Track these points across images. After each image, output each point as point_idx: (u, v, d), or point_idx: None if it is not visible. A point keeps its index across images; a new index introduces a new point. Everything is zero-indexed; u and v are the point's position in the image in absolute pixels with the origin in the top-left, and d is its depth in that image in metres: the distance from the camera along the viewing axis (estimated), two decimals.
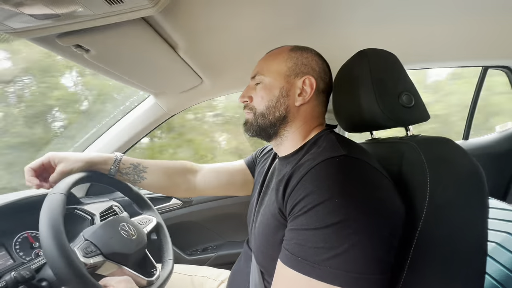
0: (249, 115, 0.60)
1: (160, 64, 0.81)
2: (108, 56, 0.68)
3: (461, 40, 0.99)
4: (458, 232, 0.43)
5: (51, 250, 0.47)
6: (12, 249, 0.67)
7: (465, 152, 0.46)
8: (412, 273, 0.43)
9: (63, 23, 0.50)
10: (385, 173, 0.45)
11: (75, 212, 0.81)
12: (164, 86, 1.00)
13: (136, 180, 0.74)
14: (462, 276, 0.43)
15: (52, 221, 0.49)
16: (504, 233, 0.63)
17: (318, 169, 0.43)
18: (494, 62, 1.25)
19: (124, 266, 0.61)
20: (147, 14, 0.52)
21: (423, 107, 0.55)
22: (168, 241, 0.80)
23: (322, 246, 0.37)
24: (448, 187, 0.43)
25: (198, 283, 0.81)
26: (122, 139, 1.14)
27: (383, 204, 0.41)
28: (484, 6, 0.79)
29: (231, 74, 1.04)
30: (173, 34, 0.69)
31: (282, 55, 0.58)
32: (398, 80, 0.55)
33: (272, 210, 0.50)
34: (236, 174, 0.81)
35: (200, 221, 1.30)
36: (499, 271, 0.58)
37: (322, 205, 0.39)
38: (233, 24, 0.72)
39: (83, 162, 0.67)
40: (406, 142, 0.50)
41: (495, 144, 1.45)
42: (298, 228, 0.41)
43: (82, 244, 0.57)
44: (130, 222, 0.70)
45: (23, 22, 0.48)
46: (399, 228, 0.42)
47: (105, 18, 0.51)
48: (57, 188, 0.57)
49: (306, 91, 0.56)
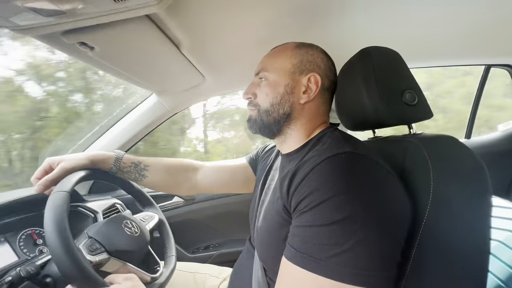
0: (252, 112, 0.60)
1: (163, 61, 0.81)
2: (112, 53, 0.69)
3: (464, 38, 0.99)
4: (461, 229, 0.43)
5: (57, 248, 0.47)
6: (16, 245, 0.67)
7: (468, 150, 0.46)
8: (415, 270, 0.43)
9: (68, 20, 0.50)
10: (390, 170, 0.45)
11: (78, 209, 0.82)
12: (167, 84, 1.00)
13: (137, 179, 0.74)
14: (465, 274, 0.43)
15: (57, 220, 0.50)
16: (507, 231, 0.63)
17: (324, 165, 0.42)
18: (497, 61, 1.24)
19: (128, 263, 0.61)
20: (151, 12, 0.52)
21: (426, 105, 0.55)
22: (170, 237, 0.81)
23: (328, 242, 0.37)
24: (451, 185, 0.43)
25: (200, 280, 0.82)
26: (124, 138, 1.14)
27: (388, 201, 0.41)
28: (487, 5, 0.79)
29: (233, 72, 1.05)
30: (177, 32, 0.69)
31: (287, 51, 0.58)
32: (401, 78, 0.55)
33: (276, 207, 0.50)
34: (238, 171, 0.81)
35: (202, 219, 1.30)
36: (502, 269, 0.58)
37: (327, 202, 0.39)
38: (236, 22, 0.72)
39: (85, 160, 0.67)
40: (409, 140, 0.50)
41: (497, 143, 1.45)
42: (303, 225, 0.41)
43: (87, 241, 0.57)
44: (133, 219, 0.70)
45: (28, 19, 0.48)
46: (405, 224, 0.42)
47: (110, 15, 0.51)
48: (61, 186, 0.57)
49: (311, 89, 0.56)
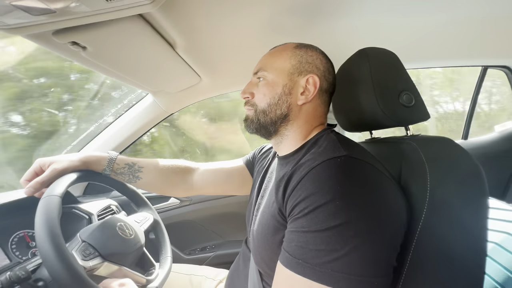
0: (249, 112, 0.59)
1: (158, 62, 0.80)
2: (105, 53, 0.67)
3: (461, 39, 0.99)
4: (458, 232, 0.43)
5: (50, 256, 0.46)
6: (8, 248, 0.66)
7: (465, 151, 0.46)
8: (411, 273, 0.42)
9: (59, 19, 0.49)
10: (388, 174, 0.45)
11: (73, 211, 0.81)
12: (163, 84, 0.99)
13: (131, 180, 0.73)
14: (462, 276, 0.43)
15: (49, 226, 0.48)
16: (503, 233, 0.63)
17: (319, 169, 0.42)
18: (494, 62, 1.25)
19: (123, 266, 0.60)
20: (145, 11, 0.51)
21: (423, 106, 0.55)
22: (165, 238, 0.80)
23: (324, 248, 0.37)
24: (448, 186, 0.43)
25: (196, 282, 0.81)
26: (120, 138, 1.13)
27: (385, 206, 0.40)
28: (485, 6, 0.79)
29: (230, 73, 1.04)
30: (171, 32, 0.68)
31: (286, 52, 0.57)
32: (398, 79, 0.55)
33: (271, 211, 0.49)
34: (234, 173, 0.80)
35: (198, 221, 1.29)
36: (499, 272, 0.58)
37: (323, 207, 0.38)
38: (233, 21, 0.71)
39: (77, 162, 0.65)
40: (406, 141, 0.50)
41: (494, 144, 1.45)
42: (298, 230, 0.40)
43: (80, 246, 0.56)
44: (127, 221, 0.69)
45: (18, 18, 0.47)
46: (402, 229, 0.42)
47: (102, 14, 0.50)
48: (52, 190, 0.55)
49: (309, 90, 0.55)
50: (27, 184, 0.60)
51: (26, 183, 0.61)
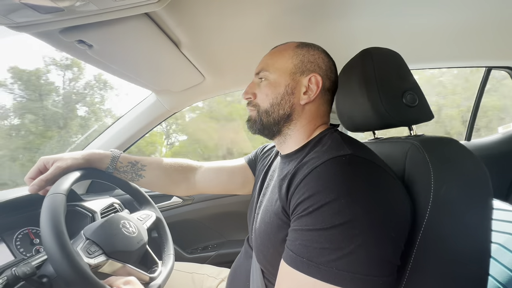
0: (252, 112, 0.59)
1: (162, 60, 0.80)
2: (111, 52, 0.68)
3: (464, 40, 0.99)
4: (461, 232, 0.42)
5: (55, 254, 0.46)
6: (13, 245, 0.66)
7: (469, 152, 0.46)
8: (414, 273, 0.42)
9: (67, 17, 0.50)
10: (392, 173, 0.45)
11: (76, 209, 0.81)
12: (166, 83, 0.99)
13: (134, 179, 0.73)
14: (465, 277, 0.43)
15: (54, 224, 0.48)
16: (507, 234, 0.63)
17: (323, 168, 0.42)
18: (498, 63, 1.24)
19: (127, 263, 0.60)
20: (151, 10, 0.52)
21: (427, 106, 0.55)
22: (168, 236, 0.80)
23: (328, 247, 0.37)
24: (452, 187, 0.43)
25: (198, 281, 0.81)
26: (123, 137, 1.14)
27: (389, 205, 0.40)
28: (488, 7, 0.79)
29: (233, 72, 1.04)
30: (176, 31, 0.68)
31: (288, 51, 0.57)
32: (402, 79, 0.55)
33: (274, 209, 0.49)
34: (237, 172, 0.80)
35: (200, 220, 1.30)
36: (502, 273, 0.57)
37: (327, 205, 0.38)
38: (237, 21, 0.71)
39: (80, 159, 0.65)
40: (410, 141, 0.50)
41: (497, 145, 1.45)
42: (302, 229, 0.40)
43: (84, 244, 0.56)
44: (131, 219, 0.70)
45: (26, 16, 0.47)
46: (406, 228, 0.42)
47: (109, 13, 0.50)
48: (56, 187, 0.55)
49: (311, 90, 0.55)
50: (31, 182, 0.60)
51: (30, 181, 0.61)
